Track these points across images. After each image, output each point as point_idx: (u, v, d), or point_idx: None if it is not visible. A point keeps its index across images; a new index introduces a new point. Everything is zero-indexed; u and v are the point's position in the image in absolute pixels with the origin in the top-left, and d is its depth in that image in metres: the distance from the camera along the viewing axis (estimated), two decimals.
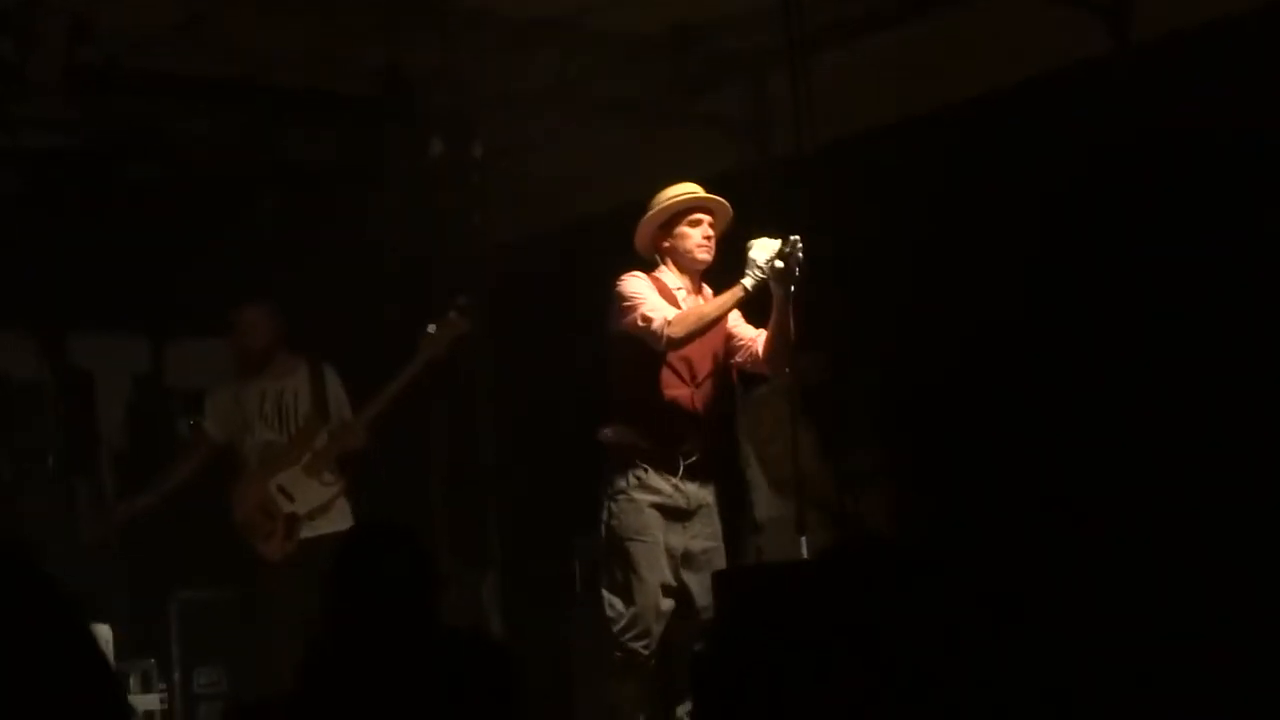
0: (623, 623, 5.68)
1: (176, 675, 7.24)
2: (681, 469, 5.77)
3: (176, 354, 8.53)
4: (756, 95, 7.87)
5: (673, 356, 5.78)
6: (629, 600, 5.69)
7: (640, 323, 5.71)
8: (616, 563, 5.74)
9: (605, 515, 5.78)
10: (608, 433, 5.83)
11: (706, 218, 5.90)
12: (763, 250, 5.58)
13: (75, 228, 7.87)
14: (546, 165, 8.43)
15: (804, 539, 5.73)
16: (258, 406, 6.87)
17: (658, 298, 5.78)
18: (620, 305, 5.80)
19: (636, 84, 7.79)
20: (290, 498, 6.75)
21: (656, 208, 5.90)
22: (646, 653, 5.68)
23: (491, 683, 2.69)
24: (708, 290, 5.98)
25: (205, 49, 7.13)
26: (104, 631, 6.13)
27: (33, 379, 7.90)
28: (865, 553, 1.37)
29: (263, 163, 8.10)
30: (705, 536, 5.84)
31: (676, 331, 5.67)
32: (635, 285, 5.81)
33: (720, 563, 5.85)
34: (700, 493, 5.82)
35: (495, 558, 8.28)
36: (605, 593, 5.77)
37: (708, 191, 5.96)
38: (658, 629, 5.69)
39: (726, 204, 5.94)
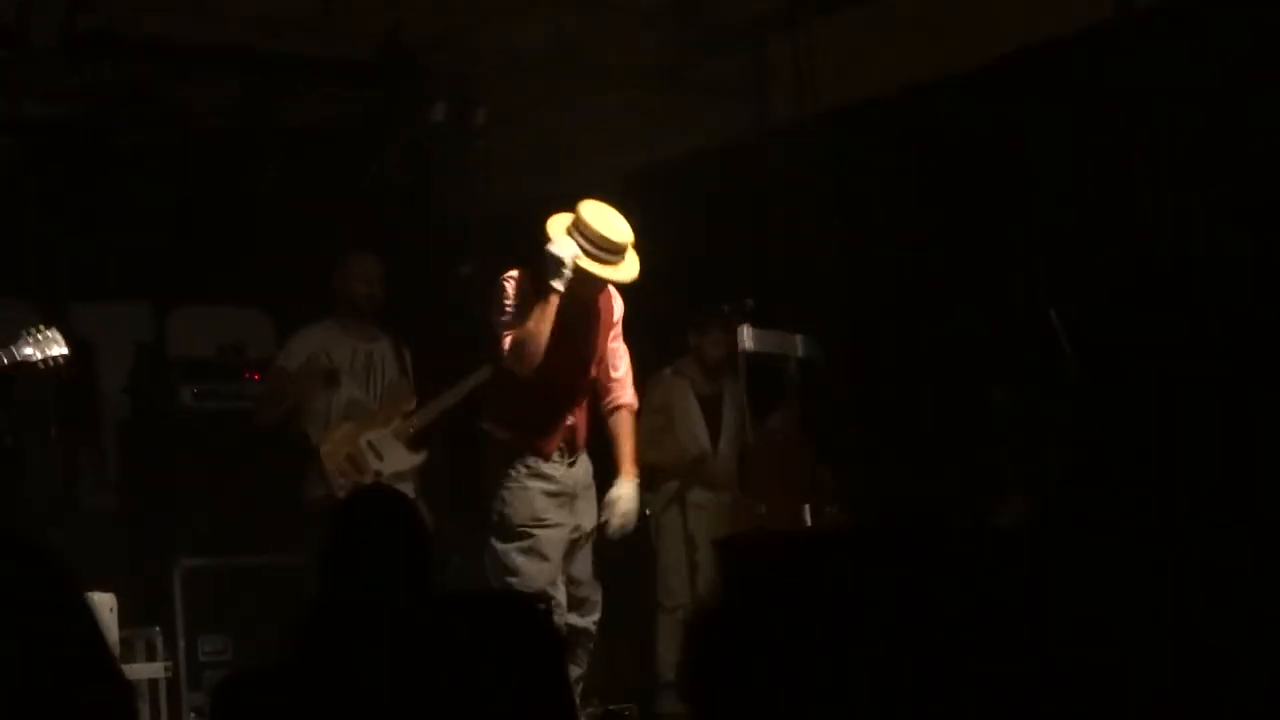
0: None
1: (181, 644, 7.24)
2: (565, 454, 5.86)
3: (178, 322, 8.51)
4: (757, 62, 7.84)
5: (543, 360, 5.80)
6: (529, 585, 5.69)
7: (505, 347, 5.74)
8: (516, 548, 5.77)
9: (498, 504, 5.82)
10: (494, 427, 5.90)
11: None
12: (561, 246, 5.64)
13: (76, 195, 7.85)
14: (548, 131, 8.39)
15: (807, 507, 5.73)
16: (348, 362, 6.89)
17: (536, 339, 5.72)
18: (497, 316, 5.81)
19: (638, 50, 7.75)
20: (379, 456, 6.80)
21: (586, 250, 5.74)
22: None
23: (537, 641, 2.68)
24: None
25: (205, 14, 7.10)
26: (107, 600, 6.12)
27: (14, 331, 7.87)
28: (896, 527, 1.36)
29: (264, 129, 8.07)
30: (589, 516, 5.93)
31: (522, 368, 5.70)
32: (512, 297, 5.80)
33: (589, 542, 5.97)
34: (583, 475, 5.93)
35: None
36: (506, 579, 5.76)
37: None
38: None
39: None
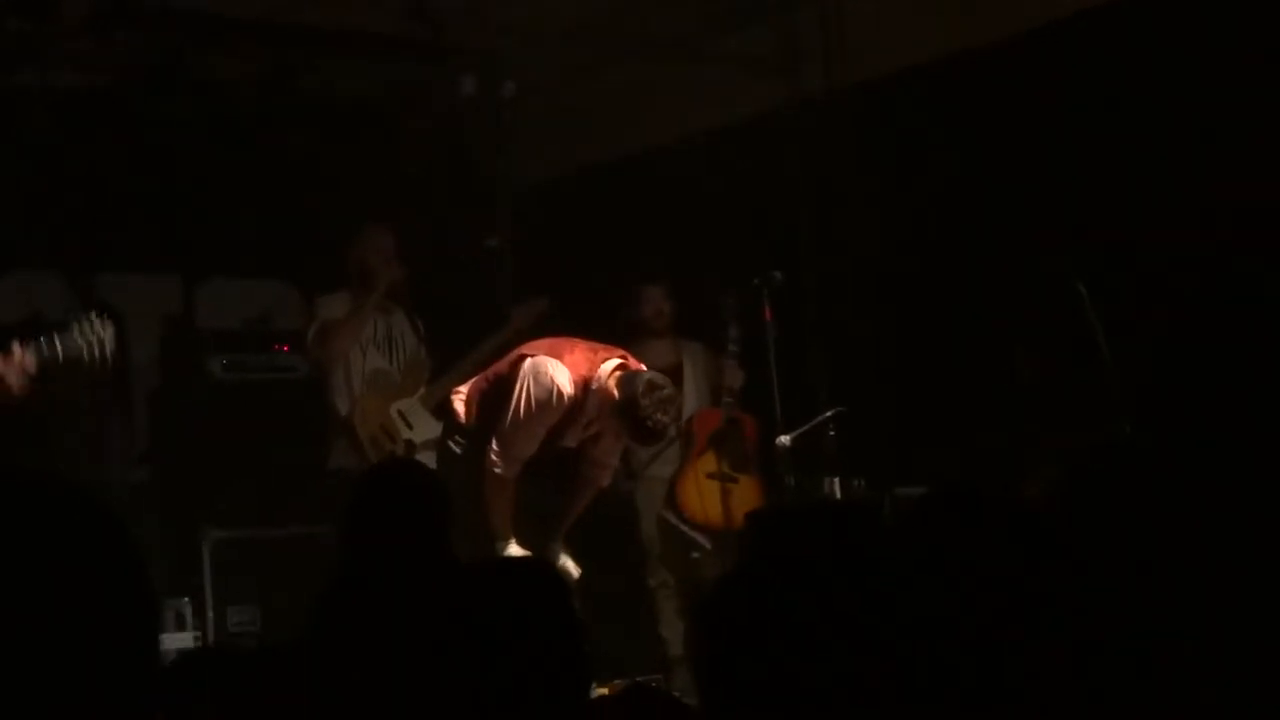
0: None
1: (210, 614, 7.27)
2: None
3: (207, 293, 8.53)
4: (786, 34, 7.81)
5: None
6: None
7: (497, 445, 5.87)
8: None
9: None
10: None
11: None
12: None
13: (105, 167, 7.85)
14: (575, 105, 8.38)
15: (836, 480, 5.71)
16: (371, 332, 6.94)
17: (531, 440, 5.89)
18: (518, 401, 5.84)
19: (667, 22, 7.73)
20: (409, 424, 6.86)
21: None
22: None
23: (551, 609, 2.68)
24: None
25: None
26: None
27: (64, 319, 7.90)
28: (924, 501, 1.34)
29: (292, 101, 8.07)
30: None
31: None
32: (539, 404, 5.84)
33: None
34: None
35: None
36: None
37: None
38: None
39: None
